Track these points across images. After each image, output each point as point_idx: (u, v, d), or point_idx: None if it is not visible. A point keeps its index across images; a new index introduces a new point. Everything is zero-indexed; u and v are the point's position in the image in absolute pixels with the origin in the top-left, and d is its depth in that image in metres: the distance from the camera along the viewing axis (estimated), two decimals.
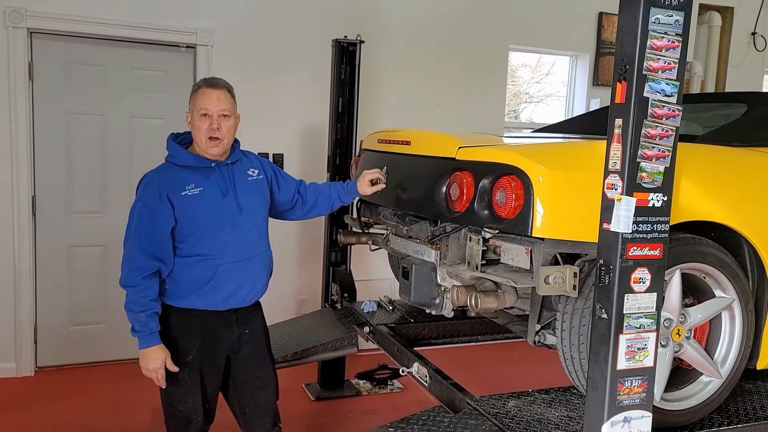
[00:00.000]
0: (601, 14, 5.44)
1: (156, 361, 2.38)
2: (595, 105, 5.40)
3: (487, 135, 3.57)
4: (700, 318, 2.40)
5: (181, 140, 2.56)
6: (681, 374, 2.47)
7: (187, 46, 4.43)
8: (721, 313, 2.46)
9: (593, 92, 5.51)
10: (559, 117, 5.89)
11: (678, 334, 2.32)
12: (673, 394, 2.39)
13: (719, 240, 2.45)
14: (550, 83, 6.50)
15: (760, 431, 2.44)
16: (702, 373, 2.45)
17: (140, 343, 2.39)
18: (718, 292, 2.44)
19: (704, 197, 2.34)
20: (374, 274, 4.76)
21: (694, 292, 2.47)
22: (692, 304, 2.44)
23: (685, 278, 2.34)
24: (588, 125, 3.76)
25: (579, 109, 5.58)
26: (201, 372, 2.52)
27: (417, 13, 4.89)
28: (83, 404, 3.90)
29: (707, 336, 2.50)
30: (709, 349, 2.48)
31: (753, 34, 5.94)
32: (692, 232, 2.37)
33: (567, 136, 3.37)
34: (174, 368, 2.42)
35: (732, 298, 2.42)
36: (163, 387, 2.45)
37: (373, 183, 2.88)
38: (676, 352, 2.35)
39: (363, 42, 3.99)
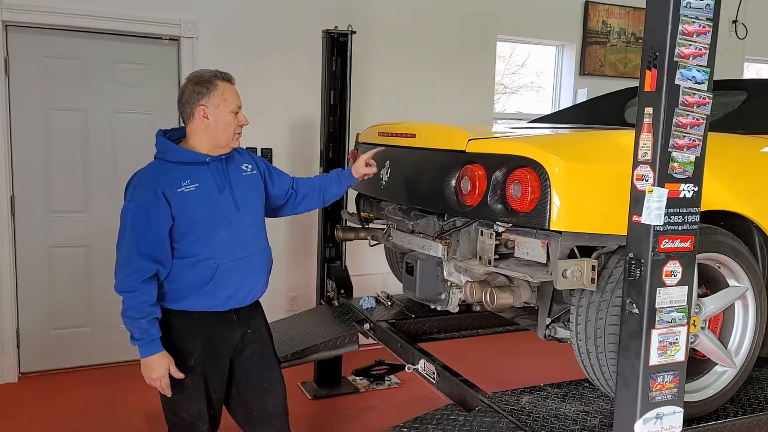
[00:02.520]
0: (587, 3, 5.42)
1: (160, 369, 2.27)
2: (582, 94, 5.38)
3: (480, 126, 3.52)
4: (714, 308, 2.38)
5: (170, 136, 2.44)
6: (695, 365, 2.44)
7: (171, 39, 4.29)
8: (734, 303, 2.44)
9: (580, 82, 5.49)
10: (533, 107, 5.91)
11: (693, 324, 2.29)
12: (689, 386, 2.36)
13: (729, 229, 2.43)
14: (525, 74, 6.51)
15: None
16: (716, 364, 2.43)
17: (142, 352, 2.27)
18: (731, 282, 2.42)
19: (719, 186, 2.31)
20: (366, 269, 4.69)
21: (707, 281, 2.45)
22: (704, 294, 2.42)
23: (699, 268, 2.32)
24: (584, 115, 3.73)
25: (566, 99, 5.56)
26: (204, 376, 2.42)
27: (406, 2, 4.80)
28: (71, 410, 3.77)
29: (720, 326, 2.48)
30: (722, 338, 2.47)
31: (734, 22, 5.98)
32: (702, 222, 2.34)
33: (572, 126, 3.32)
34: (179, 375, 2.31)
35: (746, 287, 2.41)
36: (168, 395, 2.33)
37: (366, 164, 2.77)
38: (691, 343, 2.32)
39: (354, 32, 3.90)
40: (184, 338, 2.37)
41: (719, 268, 2.40)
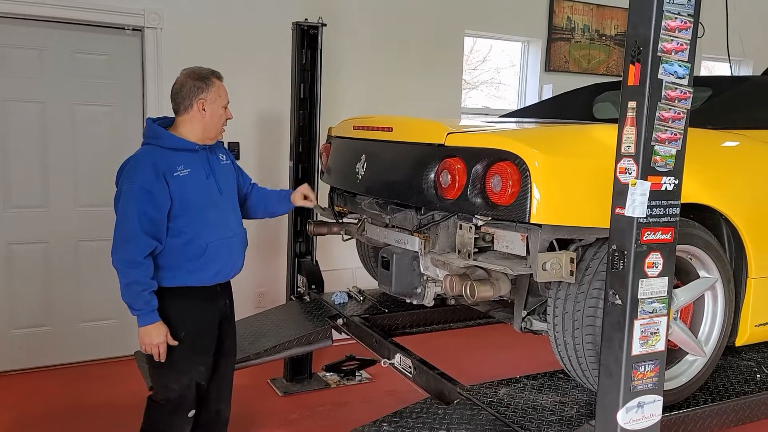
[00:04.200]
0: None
1: (160, 335, 2.48)
2: (547, 90, 5.45)
3: (456, 120, 3.53)
4: (686, 299, 2.43)
5: (159, 124, 2.62)
6: (667, 354, 2.50)
7: (134, 29, 4.17)
8: (704, 293, 2.51)
9: (545, 78, 5.56)
10: (494, 103, 5.96)
11: None
12: None
13: (699, 221, 2.49)
14: (485, 71, 6.59)
15: (742, 407, 2.51)
16: (687, 353, 2.49)
17: (142, 321, 2.46)
18: (702, 273, 2.48)
19: (690, 180, 2.35)
20: (336, 264, 4.67)
21: (678, 273, 2.50)
22: (676, 286, 2.47)
23: None
24: (553, 111, 3.77)
25: (532, 94, 5.62)
26: (194, 348, 2.60)
27: None
28: (33, 413, 3.65)
29: (691, 316, 2.54)
30: (692, 328, 2.53)
31: None
32: None
33: (544, 121, 3.35)
34: (174, 342, 2.52)
35: (715, 278, 2.47)
36: (163, 361, 2.52)
37: (305, 197, 3.08)
38: None
39: (325, 25, 3.86)
40: (174, 312, 2.55)
41: (691, 259, 2.46)
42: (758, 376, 2.71)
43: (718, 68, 6.55)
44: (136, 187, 2.42)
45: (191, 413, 2.68)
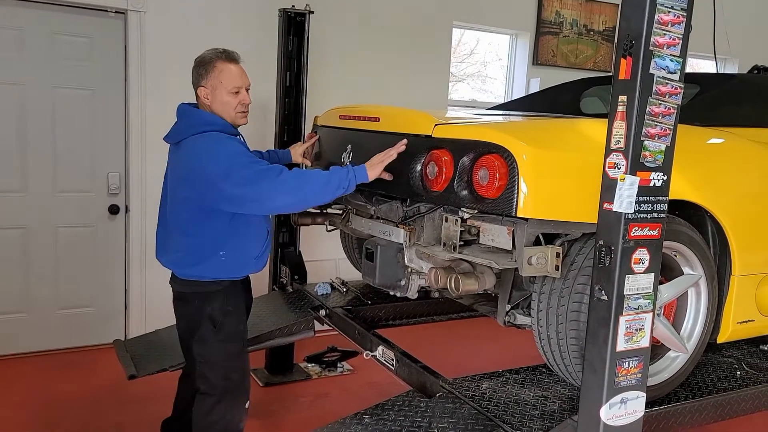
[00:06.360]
0: None
1: (380, 164, 2.46)
2: (535, 84, 5.43)
3: (443, 111, 3.49)
4: (670, 295, 2.44)
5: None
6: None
7: (117, 11, 4.08)
8: (688, 290, 2.51)
9: (533, 71, 5.54)
10: (480, 96, 5.94)
11: None
12: None
13: (684, 218, 2.49)
14: (472, 64, 6.56)
15: (722, 404, 2.53)
16: (669, 349, 2.49)
17: (361, 176, 2.44)
18: (686, 270, 2.48)
19: (676, 177, 2.34)
20: (319, 255, 4.63)
21: (663, 269, 2.50)
22: (660, 282, 2.47)
23: None
24: (541, 104, 3.76)
25: (519, 87, 5.61)
26: (243, 337, 2.63)
27: None
28: (9, 401, 3.59)
29: (674, 312, 2.55)
30: (675, 324, 2.53)
31: None
32: None
33: (531, 114, 3.33)
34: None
35: (699, 275, 2.47)
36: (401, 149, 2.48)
37: (305, 155, 3.09)
38: None
39: (312, 12, 3.81)
40: (237, 306, 2.57)
41: (675, 256, 2.46)
42: (738, 373, 2.73)
43: (704, 66, 6.58)
44: (233, 154, 2.33)
45: (247, 404, 2.63)
